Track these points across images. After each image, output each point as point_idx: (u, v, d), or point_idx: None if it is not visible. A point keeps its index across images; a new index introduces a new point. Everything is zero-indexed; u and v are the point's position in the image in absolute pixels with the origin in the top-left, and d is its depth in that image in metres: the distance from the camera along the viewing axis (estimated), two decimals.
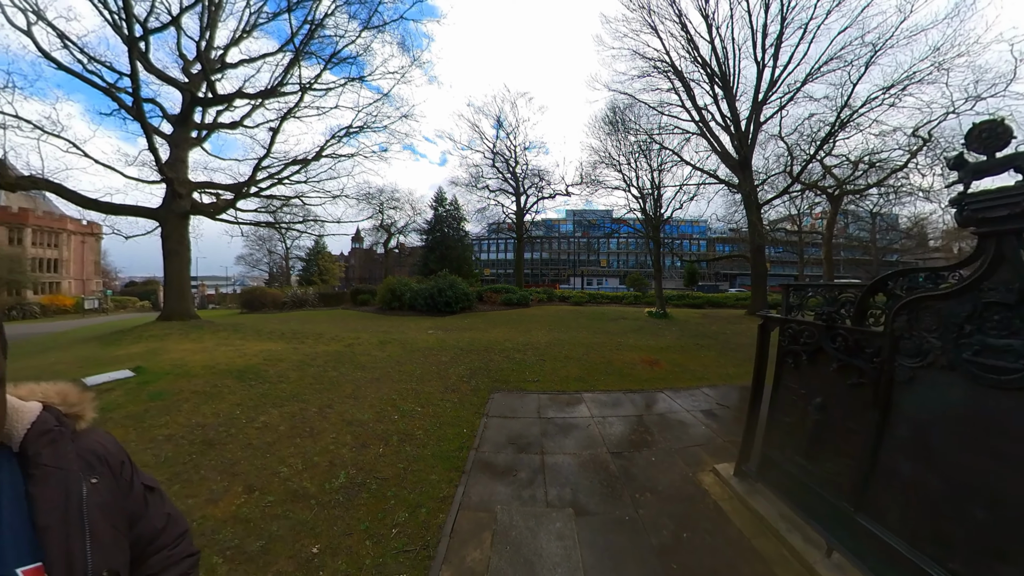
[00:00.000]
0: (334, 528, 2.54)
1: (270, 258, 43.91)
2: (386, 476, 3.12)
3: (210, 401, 4.31)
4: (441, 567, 2.30)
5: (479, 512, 2.81)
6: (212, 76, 11.63)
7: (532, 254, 56.81)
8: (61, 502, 0.67)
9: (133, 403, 4.11)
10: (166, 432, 3.58)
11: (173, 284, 11.57)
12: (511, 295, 19.24)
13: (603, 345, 8.36)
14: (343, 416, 4.21)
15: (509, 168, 28.31)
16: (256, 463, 3.20)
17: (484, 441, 3.92)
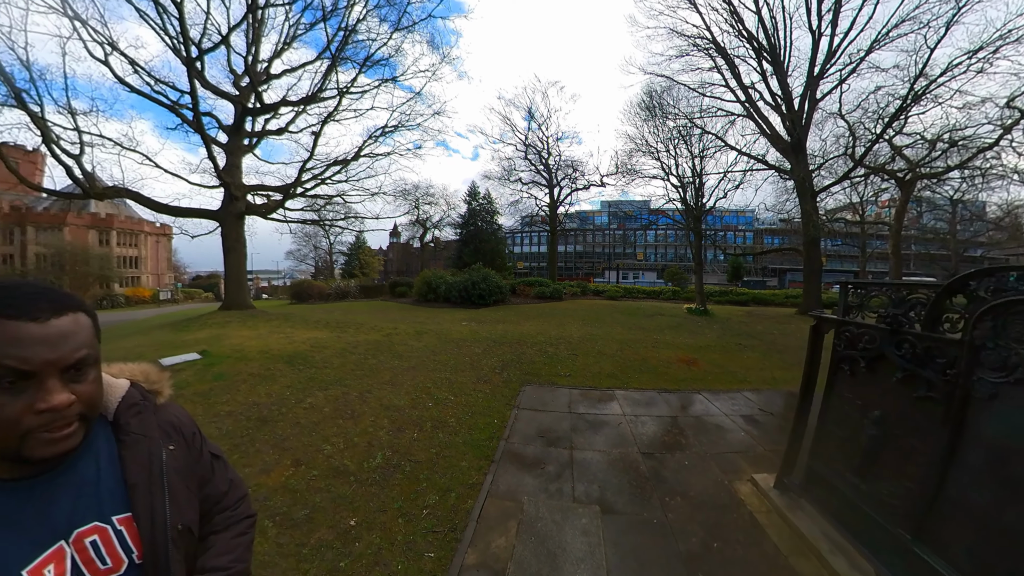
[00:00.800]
0: (370, 504, 2.71)
1: (315, 253, 46.92)
2: (419, 460, 3.28)
3: (264, 383, 4.72)
4: (467, 550, 2.39)
5: (506, 501, 2.87)
6: (259, 87, 12.52)
7: (566, 247, 55.74)
8: (146, 464, 0.77)
9: (200, 382, 4.61)
10: (227, 409, 3.99)
11: (232, 278, 12.72)
12: (544, 288, 19.11)
13: (638, 342, 8.12)
14: (381, 401, 4.45)
15: (542, 160, 27.70)
16: (303, 440, 3.48)
17: (514, 432, 3.97)
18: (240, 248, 12.61)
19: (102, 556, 0.70)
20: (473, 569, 2.26)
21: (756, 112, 15.80)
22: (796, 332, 9.70)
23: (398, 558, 2.32)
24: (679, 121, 16.11)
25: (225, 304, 12.42)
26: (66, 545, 0.67)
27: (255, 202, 13.50)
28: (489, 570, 2.24)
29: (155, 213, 12.12)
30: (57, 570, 0.65)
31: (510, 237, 52.03)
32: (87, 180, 10.39)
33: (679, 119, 16.17)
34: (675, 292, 22.16)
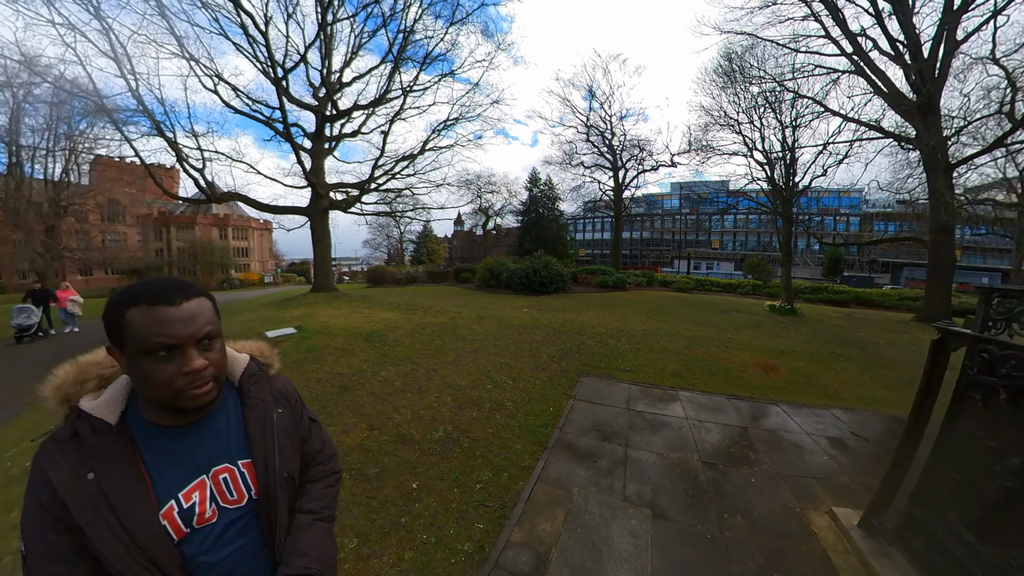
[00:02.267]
0: (431, 472, 2.98)
1: (388, 241, 50.87)
2: (477, 437, 3.49)
3: (346, 356, 5.35)
4: (514, 527, 2.52)
5: (556, 488, 2.94)
6: (334, 96, 13.93)
7: (631, 233, 51.73)
8: (261, 423, 0.96)
9: (296, 352, 5.38)
10: (316, 376, 4.61)
11: (319, 265, 14.59)
12: (607, 277, 18.39)
13: (709, 340, 7.53)
14: (445, 380, 4.77)
15: (604, 141, 25.87)
16: (377, 408, 3.91)
17: (569, 422, 3.99)
18: (326, 239, 14.38)
19: (230, 489, 0.90)
20: (518, 546, 2.39)
21: (868, 65, 12.22)
22: (910, 344, 8.20)
23: (451, 523, 2.53)
24: (765, 85, 13.30)
25: (314, 287, 14.29)
26: (206, 478, 0.87)
27: (336, 198, 15.09)
28: (533, 551, 2.35)
29: (259, 212, 14.33)
30: (200, 496, 0.86)
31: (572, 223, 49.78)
32: (209, 188, 12.71)
33: (765, 83, 13.28)
34: (756, 286, 19.66)
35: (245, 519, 0.91)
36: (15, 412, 5.08)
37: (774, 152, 13.57)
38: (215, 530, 0.87)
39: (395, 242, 49.68)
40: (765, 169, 13.93)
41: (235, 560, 0.88)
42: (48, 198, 22.00)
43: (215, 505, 0.88)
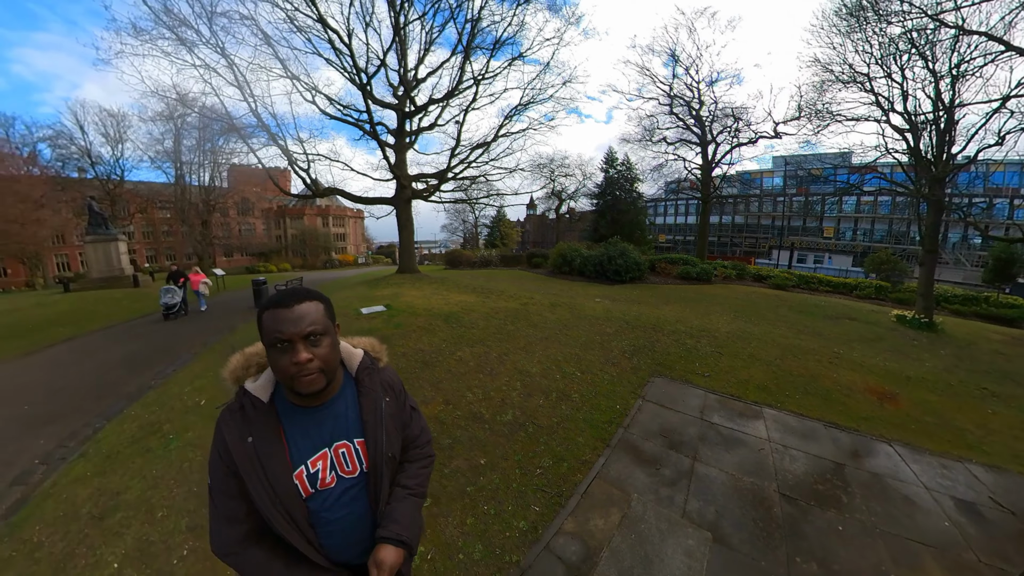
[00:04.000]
0: (497, 451, 3.31)
1: (464, 226, 53.05)
2: (542, 425, 3.74)
3: (427, 335, 5.98)
4: (567, 517, 2.72)
5: (613, 488, 3.03)
6: (412, 93, 15.00)
7: (720, 218, 45.36)
8: (372, 409, 1.15)
9: (385, 328, 6.19)
10: (402, 351, 5.28)
11: (404, 249, 16.44)
12: (689, 268, 16.99)
13: (809, 352, 6.58)
14: (516, 365, 5.08)
15: (691, 112, 22.93)
16: (452, 385, 4.37)
17: (635, 423, 3.96)
18: (409, 226, 16.13)
19: (346, 461, 1.11)
20: (568, 535, 2.58)
21: None
22: None
23: (510, 500, 2.83)
24: (911, 21, 9.96)
25: (400, 269, 16.13)
26: (328, 451, 1.09)
27: (418, 188, 16.43)
28: (582, 543, 2.52)
29: (353, 203, 16.41)
30: (323, 464, 1.08)
31: (651, 207, 45.82)
32: (313, 184, 14.95)
33: (911, 18, 9.90)
34: (880, 289, 15.71)
35: (357, 488, 1.12)
36: (186, 361, 6.71)
37: (921, 114, 10.45)
38: (333, 493, 1.08)
39: (470, 226, 51.99)
40: (906, 137, 10.95)
41: (348, 520, 1.10)
42: (202, 199, 30.20)
43: (334, 473, 1.09)
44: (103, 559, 2.61)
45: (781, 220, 41.80)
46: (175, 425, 4.11)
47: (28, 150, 24.76)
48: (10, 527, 3.10)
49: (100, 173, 28.31)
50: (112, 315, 11.23)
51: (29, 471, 3.90)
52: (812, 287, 16.79)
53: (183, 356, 7.04)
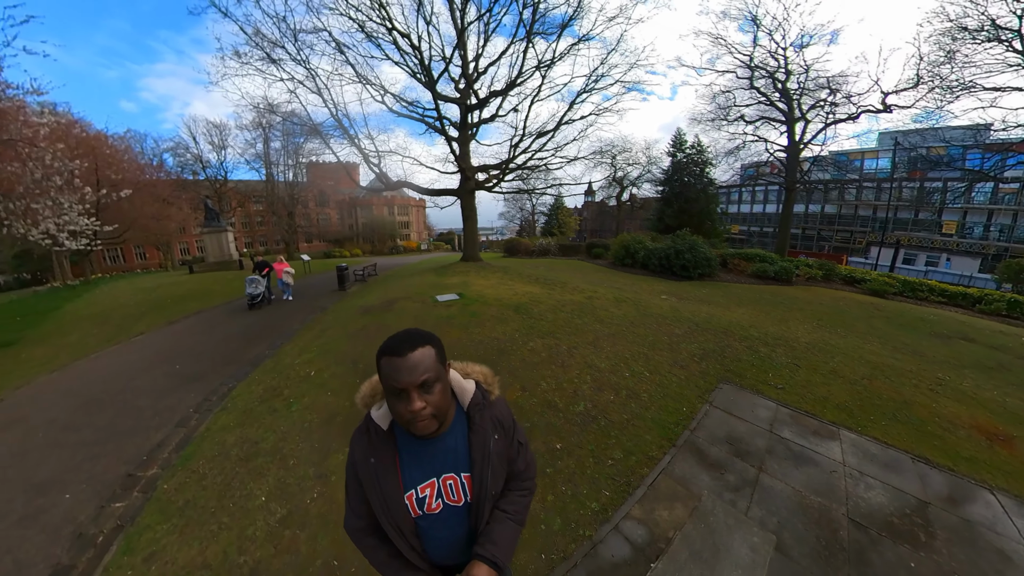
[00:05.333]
0: (571, 439, 3.63)
1: (521, 214, 53.81)
2: (612, 419, 3.98)
3: (500, 324, 6.42)
4: (634, 505, 2.98)
5: (677, 485, 3.19)
6: (473, 85, 15.27)
7: (807, 207, 38.42)
8: (481, 447, 1.18)
9: (461, 316, 6.74)
10: (479, 339, 5.76)
11: (468, 238, 17.10)
12: (766, 266, 15.24)
13: (905, 374, 5.76)
14: (585, 359, 5.31)
15: (775, 85, 20.14)
16: (527, 373, 4.75)
17: (701, 427, 4.02)
18: (473, 216, 16.78)
19: (452, 492, 1.19)
20: (635, 521, 2.85)
21: None
22: None
23: (584, 484, 3.14)
24: None
25: (463, 257, 16.88)
26: (436, 480, 1.17)
27: (480, 179, 16.91)
28: (647, 529, 2.77)
29: (420, 194, 17.31)
30: (430, 492, 1.17)
31: (724, 194, 40.97)
32: (384, 178, 16.13)
33: None
34: (1016, 305, 12.22)
35: (460, 515, 1.22)
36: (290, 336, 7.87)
37: None
38: (439, 518, 1.20)
39: (528, 214, 52.31)
40: None
41: (449, 539, 1.23)
42: (287, 194, 34.67)
43: (440, 500, 1.19)
44: (252, 492, 3.35)
45: (886, 211, 32.41)
46: (293, 391, 4.96)
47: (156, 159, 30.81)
48: (183, 459, 4.03)
49: (209, 175, 33.93)
50: (227, 293, 13.28)
51: (187, 417, 4.97)
52: (919, 296, 14.08)
53: (287, 332, 8.23)
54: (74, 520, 3.33)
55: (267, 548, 2.76)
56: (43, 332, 10.25)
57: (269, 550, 2.74)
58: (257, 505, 3.16)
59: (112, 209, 17.76)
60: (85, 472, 3.99)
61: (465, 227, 17.06)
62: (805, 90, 19.54)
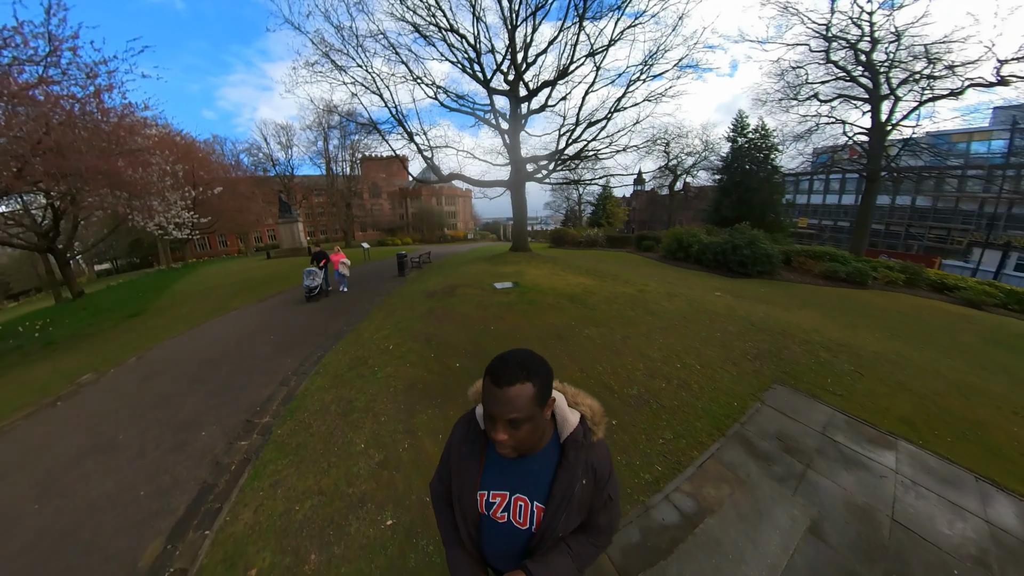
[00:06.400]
0: (625, 417, 4.02)
1: (567, 203, 53.12)
2: (663, 404, 4.32)
3: (557, 313, 6.88)
4: (684, 481, 3.33)
5: (725, 469, 3.47)
6: (523, 75, 15.31)
7: (893, 198, 32.59)
8: (565, 487, 1.15)
9: (520, 304, 7.29)
10: (538, 325, 6.29)
11: (518, 228, 17.56)
12: (838, 265, 13.93)
13: (987, 395, 5.25)
14: (637, 349, 5.64)
15: (857, 57, 17.46)
16: (583, 358, 5.20)
17: (752, 422, 4.16)
18: (523, 206, 17.13)
19: (520, 514, 1.20)
20: (684, 494, 3.20)
21: None
22: None
23: (637, 457, 3.53)
24: None
25: (513, 247, 17.42)
26: (508, 495, 1.20)
27: (529, 170, 17.13)
28: (696, 502, 3.11)
29: (469, 185, 17.98)
30: (500, 502, 1.20)
31: (791, 183, 36.22)
32: (436, 170, 16.82)
33: None
34: None
35: (519, 537, 1.22)
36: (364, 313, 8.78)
37: None
38: (500, 527, 1.22)
39: (573, 204, 51.74)
40: None
41: (504, 549, 1.26)
42: (345, 186, 38.32)
43: (506, 514, 1.20)
44: (352, 440, 4.06)
45: (995, 205, 26.36)
46: (376, 361, 5.75)
47: (235, 159, 35.06)
48: (290, 411, 4.90)
49: (279, 171, 37.76)
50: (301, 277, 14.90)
51: (287, 378, 5.92)
52: None
53: (360, 311, 9.23)
54: (211, 452, 4.24)
55: (370, 483, 3.43)
56: (160, 305, 12.22)
57: (372, 485, 3.41)
58: (358, 451, 3.87)
59: (205, 204, 20.46)
60: (213, 416, 4.97)
61: (515, 217, 17.57)
62: (895, 62, 16.68)
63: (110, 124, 9.85)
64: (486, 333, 6.33)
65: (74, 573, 2.82)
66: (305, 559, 2.75)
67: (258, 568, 2.71)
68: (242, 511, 3.27)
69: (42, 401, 6.05)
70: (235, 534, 3.04)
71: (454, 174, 17.57)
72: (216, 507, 3.41)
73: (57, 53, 8.57)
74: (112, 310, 12.42)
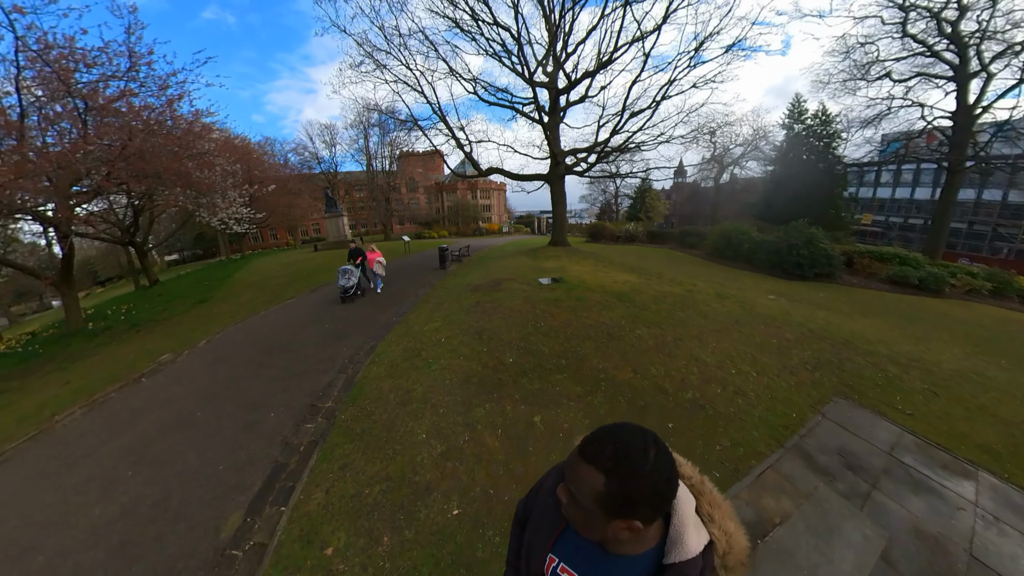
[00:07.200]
0: (681, 421, 4.07)
1: (603, 197, 52.42)
2: (719, 411, 4.31)
3: (606, 310, 6.93)
4: (743, 489, 3.33)
5: (785, 480, 3.43)
6: (564, 67, 15.01)
7: (979, 193, 27.52)
8: None
9: (568, 300, 7.39)
10: (589, 322, 6.37)
11: (557, 222, 17.42)
12: (908, 270, 12.78)
13: None
14: (690, 352, 5.61)
15: (940, 29, 15.23)
16: (636, 358, 5.27)
17: (812, 435, 4.07)
18: (562, 200, 16.98)
19: None
20: (743, 502, 3.21)
21: None
22: None
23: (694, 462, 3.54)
24: None
25: (552, 242, 17.28)
26: None
27: (569, 163, 16.85)
28: (755, 511, 3.11)
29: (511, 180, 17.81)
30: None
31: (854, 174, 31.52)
32: (476, 164, 16.86)
33: None
34: None
35: None
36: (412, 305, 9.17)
37: None
38: None
39: (610, 196, 50.55)
40: None
41: None
42: (385, 182, 40.21)
43: None
44: (414, 430, 4.32)
45: None
46: (429, 353, 6.06)
47: (283, 159, 37.22)
48: (351, 398, 5.26)
49: (324, 168, 40.15)
50: None
51: (345, 366, 6.33)
52: None
53: (407, 303, 9.68)
54: (280, 432, 4.64)
55: (435, 473, 3.65)
56: (223, 293, 13.30)
57: (436, 474, 3.63)
58: (420, 440, 4.13)
59: (260, 200, 22.08)
60: (279, 399, 5.42)
61: (554, 211, 17.48)
62: (988, 32, 14.11)
63: (181, 129, 10.89)
64: (536, 329, 6.46)
65: (165, 539, 3.19)
66: (379, 541, 2.96)
67: (334, 547, 2.94)
68: (314, 491, 3.56)
69: (130, 376, 6.87)
70: (309, 512, 3.31)
71: (493, 168, 17.72)
72: (289, 485, 3.73)
73: (136, 68, 9.65)
74: (183, 297, 13.69)
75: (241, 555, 3.03)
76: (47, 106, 8.97)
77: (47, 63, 8.42)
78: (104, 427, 5.21)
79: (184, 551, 3.07)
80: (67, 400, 6.28)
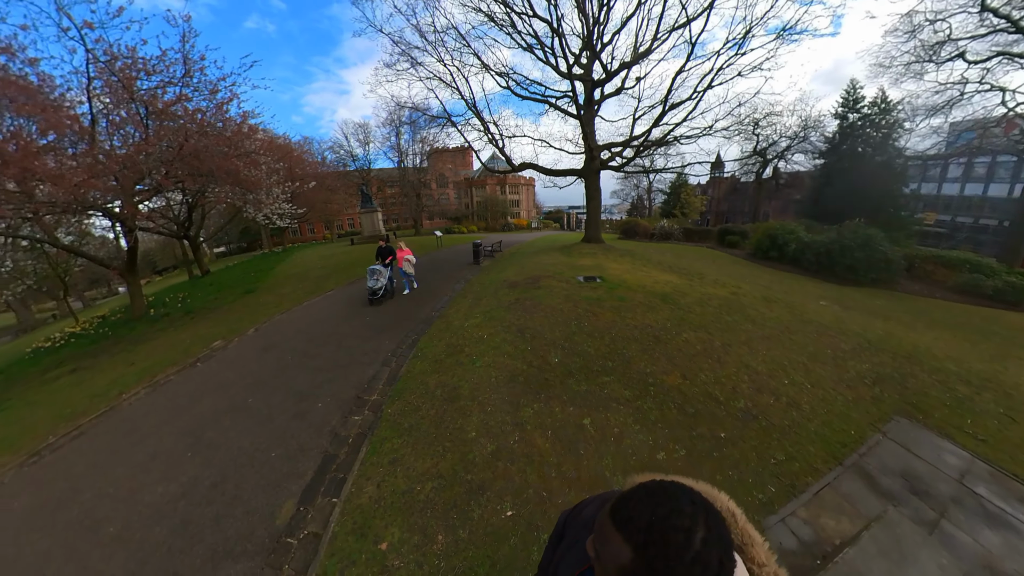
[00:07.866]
0: (733, 432, 4.02)
1: (636, 192, 51.23)
2: (773, 423, 4.22)
3: (650, 312, 6.87)
4: (800, 507, 3.25)
5: (844, 501, 3.32)
6: (600, 58, 14.61)
7: None
8: None
9: (609, 300, 7.34)
10: (633, 324, 6.33)
11: (591, 218, 17.16)
12: (981, 277, 11.57)
13: None
14: (740, 359, 5.49)
15: None
16: (685, 363, 5.22)
17: (872, 454, 3.91)
18: (597, 196, 16.65)
19: None
20: (801, 520, 3.14)
21: None
22: None
23: (749, 474, 3.53)
24: None
25: (586, 238, 17.08)
26: None
27: (604, 157, 16.51)
28: (813, 531, 3.04)
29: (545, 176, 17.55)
30: None
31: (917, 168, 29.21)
32: (509, 160, 16.80)
33: None
34: None
35: None
36: (449, 299, 9.33)
37: None
38: None
39: (643, 191, 49.25)
40: None
41: None
42: (416, 178, 41.27)
43: None
44: (463, 427, 4.40)
45: None
46: (472, 350, 6.20)
47: (321, 157, 39.01)
48: (396, 392, 5.45)
49: (358, 166, 41.59)
50: None
51: (388, 359, 6.56)
52: None
53: (444, 297, 9.92)
54: (328, 423, 4.86)
55: (486, 472, 3.72)
56: (268, 284, 14.05)
57: (488, 474, 3.69)
58: (470, 438, 4.23)
59: (300, 197, 23.26)
60: (326, 390, 5.67)
61: (588, 207, 17.27)
62: None
63: (231, 130, 11.63)
64: (580, 329, 6.46)
65: (223, 522, 3.37)
66: (433, 539, 3.03)
67: (388, 542, 3.02)
68: (365, 484, 3.68)
69: (186, 361, 7.41)
70: (361, 506, 3.43)
71: (526, 163, 17.63)
72: (340, 477, 3.88)
73: (190, 74, 10.42)
74: (232, 287, 14.56)
75: (296, 543, 3.17)
76: (113, 112, 9.89)
77: (113, 72, 9.24)
78: (165, 408, 5.65)
79: (241, 534, 3.25)
80: (132, 380, 6.86)
